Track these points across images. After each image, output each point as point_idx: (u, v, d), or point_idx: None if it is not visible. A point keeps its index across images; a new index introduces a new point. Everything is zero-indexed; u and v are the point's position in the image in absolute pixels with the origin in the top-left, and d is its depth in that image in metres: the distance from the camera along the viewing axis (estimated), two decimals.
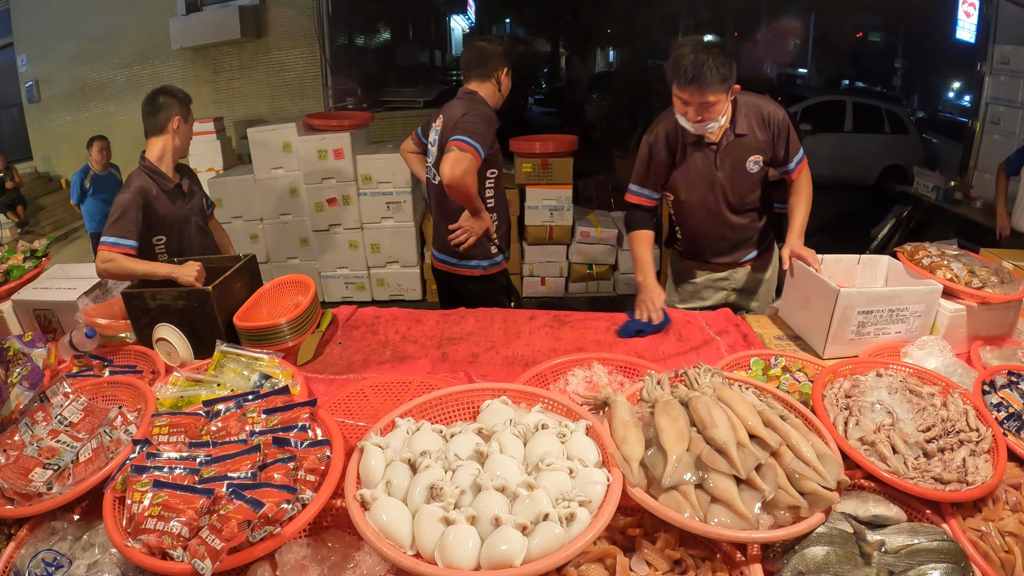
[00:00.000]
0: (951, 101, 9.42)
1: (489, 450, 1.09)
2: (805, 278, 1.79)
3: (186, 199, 2.22)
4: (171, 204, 2.13)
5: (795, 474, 1.03)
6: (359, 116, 4.91)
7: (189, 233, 2.21)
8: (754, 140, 2.00)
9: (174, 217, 2.15)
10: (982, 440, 1.21)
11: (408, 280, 4.86)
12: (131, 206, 1.97)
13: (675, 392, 1.22)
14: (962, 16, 5.80)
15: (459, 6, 15.01)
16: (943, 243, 1.88)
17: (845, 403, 1.31)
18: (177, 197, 2.17)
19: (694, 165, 2.03)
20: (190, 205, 2.23)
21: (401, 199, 4.61)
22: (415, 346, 1.84)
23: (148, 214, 2.04)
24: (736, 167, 2.02)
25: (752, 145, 2.00)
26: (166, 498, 1.02)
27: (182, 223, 2.18)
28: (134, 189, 2.02)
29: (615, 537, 1.07)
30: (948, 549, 1.02)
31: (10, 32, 7.20)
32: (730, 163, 2.01)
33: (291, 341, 1.72)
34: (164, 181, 2.12)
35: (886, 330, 1.66)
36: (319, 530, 1.11)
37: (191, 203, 2.24)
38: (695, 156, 2.03)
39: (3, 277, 1.86)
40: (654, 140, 2.05)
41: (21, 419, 1.29)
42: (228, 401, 1.26)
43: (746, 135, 1.99)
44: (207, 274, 1.86)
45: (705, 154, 2.02)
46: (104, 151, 4.84)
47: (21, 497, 1.14)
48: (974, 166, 5.47)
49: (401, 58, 10.80)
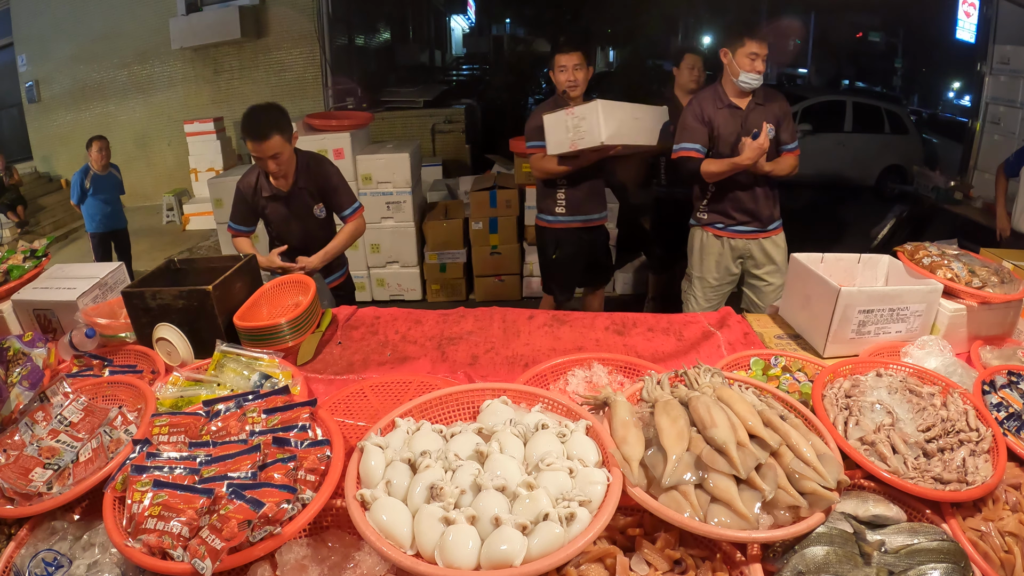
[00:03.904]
0: (951, 101, 9.43)
1: (489, 450, 1.09)
2: (805, 277, 1.79)
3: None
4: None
5: (795, 474, 1.03)
6: (359, 116, 4.92)
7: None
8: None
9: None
10: (982, 440, 1.21)
11: (408, 280, 4.86)
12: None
13: (675, 392, 1.22)
14: (962, 16, 5.81)
15: (459, 6, 15.02)
16: (943, 243, 1.88)
17: (845, 403, 1.31)
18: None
19: (725, 126, 2.56)
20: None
21: (401, 199, 4.61)
22: (415, 346, 1.84)
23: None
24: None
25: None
26: (166, 498, 1.02)
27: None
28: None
29: (615, 537, 1.07)
30: (948, 549, 1.02)
31: (10, 32, 7.21)
32: (759, 123, 2.48)
33: (291, 341, 1.72)
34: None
35: (886, 329, 1.66)
36: (319, 530, 1.11)
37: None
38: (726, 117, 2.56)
39: (3, 277, 1.86)
40: (697, 109, 2.58)
41: (21, 419, 1.29)
42: (228, 401, 1.26)
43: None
44: (207, 274, 1.86)
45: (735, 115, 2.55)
46: (104, 151, 4.84)
47: (21, 497, 1.14)
48: (974, 166, 5.48)
49: (401, 58, 10.81)
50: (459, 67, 14.39)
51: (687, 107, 2.66)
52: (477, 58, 14.11)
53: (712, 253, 2.76)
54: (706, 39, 11.83)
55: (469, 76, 12.84)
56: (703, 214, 2.75)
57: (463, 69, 13.96)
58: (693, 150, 2.60)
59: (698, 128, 2.58)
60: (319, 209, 2.47)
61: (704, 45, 11.90)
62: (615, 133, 2.64)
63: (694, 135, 2.59)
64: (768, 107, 2.55)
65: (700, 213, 2.76)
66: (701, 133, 2.58)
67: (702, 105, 2.59)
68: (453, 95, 8.81)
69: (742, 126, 2.52)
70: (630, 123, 2.74)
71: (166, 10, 6.45)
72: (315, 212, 2.47)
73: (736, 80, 2.49)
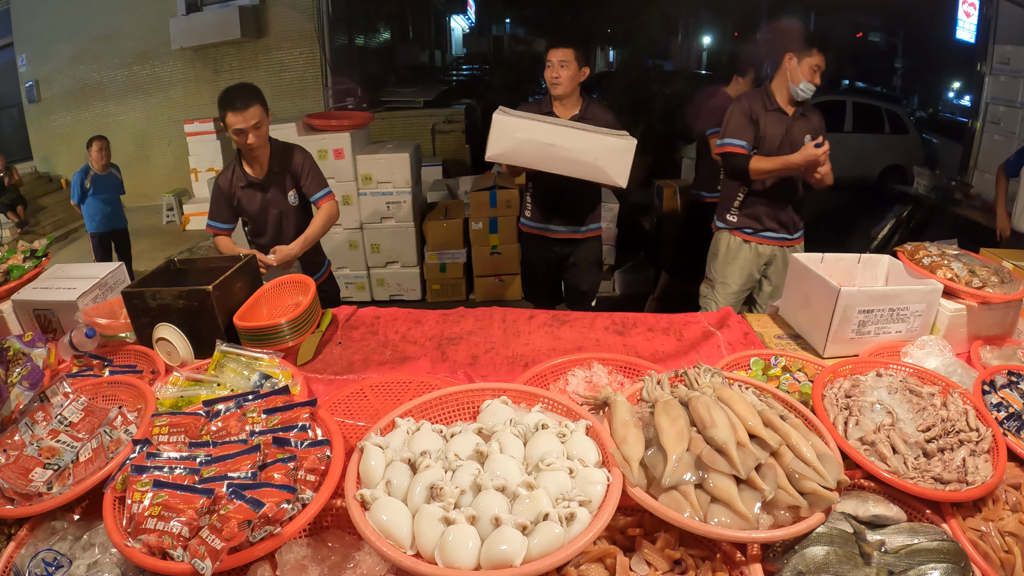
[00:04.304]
0: (951, 101, 9.42)
1: (489, 450, 1.09)
2: (805, 277, 1.79)
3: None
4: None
5: (795, 474, 1.04)
6: (359, 116, 4.91)
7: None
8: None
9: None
10: (982, 440, 1.21)
11: (408, 280, 4.86)
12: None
13: (675, 392, 1.22)
14: (962, 16, 5.81)
15: (459, 6, 15.02)
16: (943, 243, 1.88)
17: (845, 403, 1.31)
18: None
19: (772, 128, 2.56)
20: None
21: (401, 199, 4.61)
22: (415, 346, 1.84)
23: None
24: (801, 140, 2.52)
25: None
26: (166, 498, 1.02)
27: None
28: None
29: (615, 537, 1.07)
30: (948, 549, 1.02)
31: (10, 32, 7.20)
32: (802, 133, 2.54)
33: (291, 341, 1.72)
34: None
35: (886, 329, 1.66)
36: (319, 530, 1.11)
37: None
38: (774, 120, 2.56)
39: (3, 277, 1.86)
40: (747, 107, 2.57)
41: (21, 419, 1.29)
42: (228, 401, 1.26)
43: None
44: (207, 274, 1.86)
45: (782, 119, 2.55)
46: (104, 151, 4.84)
47: (21, 497, 1.14)
48: (974, 166, 5.48)
49: (401, 58, 10.81)
50: (459, 67, 14.39)
51: (736, 104, 2.61)
52: (477, 58, 14.10)
53: (738, 258, 2.72)
54: (706, 39, 11.84)
55: (469, 76, 12.84)
56: (733, 216, 2.71)
57: (463, 69, 13.96)
58: (741, 146, 2.55)
59: (746, 125, 2.55)
60: (293, 195, 2.50)
61: (704, 45, 11.90)
62: (506, 154, 2.42)
63: (742, 131, 2.55)
64: (809, 119, 2.57)
65: (730, 215, 2.71)
66: (749, 131, 2.55)
67: (751, 104, 2.57)
68: (453, 95, 8.81)
69: (787, 132, 2.53)
70: (538, 148, 2.37)
71: (166, 10, 6.45)
72: (289, 199, 2.50)
73: (794, 87, 2.48)
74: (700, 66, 11.47)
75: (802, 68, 2.45)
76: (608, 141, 2.37)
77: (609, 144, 2.37)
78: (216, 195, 2.47)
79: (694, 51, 11.82)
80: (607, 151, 2.37)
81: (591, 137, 2.37)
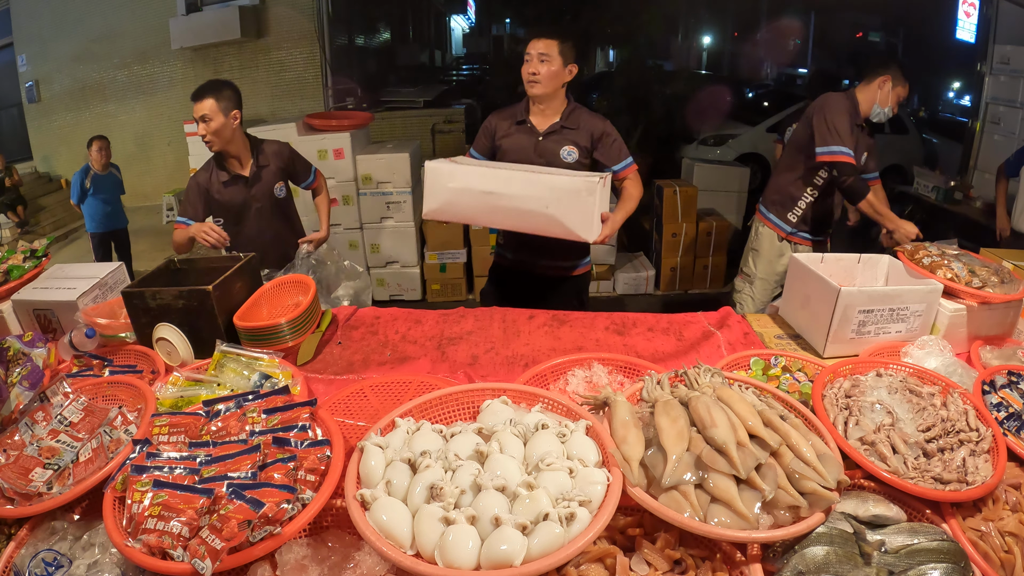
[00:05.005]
0: (951, 101, 9.41)
1: (489, 450, 1.09)
2: (805, 277, 1.79)
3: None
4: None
5: (795, 474, 1.03)
6: (359, 116, 4.92)
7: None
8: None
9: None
10: (982, 440, 1.21)
11: (408, 280, 4.86)
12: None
13: (675, 392, 1.22)
14: (962, 16, 5.80)
15: (459, 6, 15.03)
16: (943, 243, 1.88)
17: (845, 403, 1.31)
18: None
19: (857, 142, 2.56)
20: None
21: (401, 199, 4.61)
22: (415, 346, 1.84)
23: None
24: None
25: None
26: (166, 498, 1.02)
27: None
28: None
29: (615, 537, 1.07)
30: (948, 549, 1.02)
31: (10, 32, 7.19)
32: (863, 149, 2.61)
33: (291, 341, 1.72)
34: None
35: (886, 329, 1.66)
36: (319, 530, 1.11)
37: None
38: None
39: (3, 277, 1.86)
40: (854, 115, 2.56)
41: (21, 419, 1.29)
42: (228, 401, 1.26)
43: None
44: (207, 274, 1.86)
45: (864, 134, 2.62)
46: (104, 151, 4.84)
47: (21, 497, 1.14)
48: (974, 166, 5.47)
49: (401, 58, 10.81)
50: (459, 67, 14.39)
51: (843, 110, 2.50)
52: (477, 58, 14.11)
53: (784, 258, 2.75)
54: (706, 39, 11.84)
55: (469, 76, 12.84)
56: (793, 217, 2.73)
57: (463, 69, 13.97)
58: (853, 157, 2.49)
59: (851, 136, 2.49)
60: (279, 188, 2.54)
61: (704, 45, 11.90)
62: (442, 208, 2.04)
63: (849, 141, 2.48)
64: (866, 136, 2.64)
65: (791, 215, 2.73)
66: (852, 142, 2.50)
67: (851, 115, 2.53)
68: (453, 95, 8.81)
69: (856, 145, 2.53)
70: (476, 198, 1.99)
71: (166, 10, 6.44)
72: (275, 191, 2.53)
73: (879, 108, 2.55)
74: (700, 66, 11.48)
75: (892, 94, 2.53)
76: (559, 183, 1.89)
77: (560, 187, 1.88)
78: (192, 193, 2.46)
79: (694, 51, 11.82)
80: (558, 197, 1.88)
81: (539, 180, 1.92)
